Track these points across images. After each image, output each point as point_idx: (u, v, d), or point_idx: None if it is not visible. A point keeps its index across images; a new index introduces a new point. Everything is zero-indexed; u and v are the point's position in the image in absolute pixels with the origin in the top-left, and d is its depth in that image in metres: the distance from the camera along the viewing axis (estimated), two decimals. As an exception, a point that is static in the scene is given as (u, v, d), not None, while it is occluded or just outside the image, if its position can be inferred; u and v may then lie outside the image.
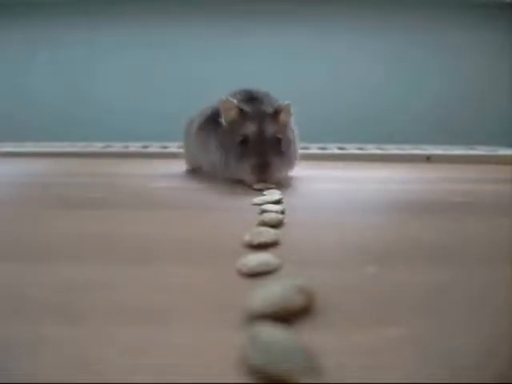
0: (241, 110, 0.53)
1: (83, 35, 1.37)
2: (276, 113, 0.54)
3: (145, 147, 1.05)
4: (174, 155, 0.86)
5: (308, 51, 1.37)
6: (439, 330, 0.17)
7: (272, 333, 0.15)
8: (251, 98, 0.56)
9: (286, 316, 0.17)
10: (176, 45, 1.38)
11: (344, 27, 1.38)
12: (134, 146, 1.07)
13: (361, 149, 1.04)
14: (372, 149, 1.04)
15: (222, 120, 0.54)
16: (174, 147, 1.00)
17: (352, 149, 1.03)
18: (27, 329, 0.16)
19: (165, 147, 1.04)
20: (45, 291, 0.20)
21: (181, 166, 0.69)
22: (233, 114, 0.53)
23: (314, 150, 0.98)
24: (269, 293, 0.17)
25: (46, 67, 1.38)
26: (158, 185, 0.55)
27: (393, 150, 1.01)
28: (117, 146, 1.07)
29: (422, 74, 1.38)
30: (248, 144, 0.51)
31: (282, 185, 0.51)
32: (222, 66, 1.35)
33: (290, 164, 0.56)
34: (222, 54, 1.36)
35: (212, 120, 0.57)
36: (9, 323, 0.17)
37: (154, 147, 1.05)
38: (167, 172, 0.68)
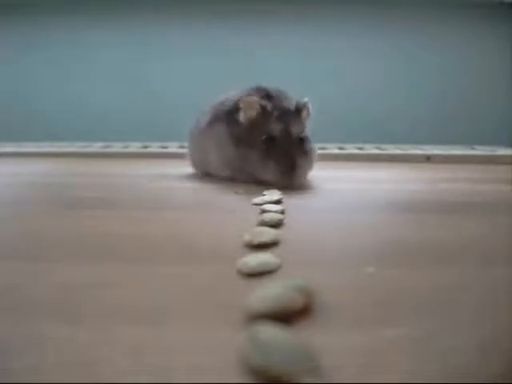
0: (264, 108, 0.51)
1: (83, 35, 1.37)
2: (298, 110, 0.52)
3: (145, 147, 1.05)
4: (174, 155, 0.86)
5: (307, 51, 1.37)
6: (439, 330, 0.17)
7: (272, 333, 0.15)
8: (268, 95, 0.54)
9: (286, 316, 0.17)
10: (176, 44, 1.38)
11: (343, 27, 1.38)
12: (134, 146, 1.07)
13: (360, 149, 1.04)
14: (372, 149, 1.04)
15: (241, 118, 0.52)
16: (174, 147, 1.00)
17: (351, 149, 1.03)
18: (27, 329, 0.16)
19: (165, 147, 1.04)
20: (45, 291, 0.20)
21: (181, 166, 0.69)
22: (254, 112, 0.51)
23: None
24: (269, 293, 0.17)
25: (46, 67, 1.38)
26: (158, 185, 0.55)
27: (393, 149, 1.02)
28: (117, 146, 1.07)
29: (422, 73, 1.38)
30: (274, 144, 0.49)
31: (305, 188, 0.50)
32: (222, 65, 1.35)
33: (312, 166, 0.54)
34: (223, 54, 1.36)
35: (223, 118, 0.55)
36: (9, 323, 0.17)
37: (154, 147, 1.05)
38: (167, 172, 0.68)
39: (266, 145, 0.50)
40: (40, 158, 0.90)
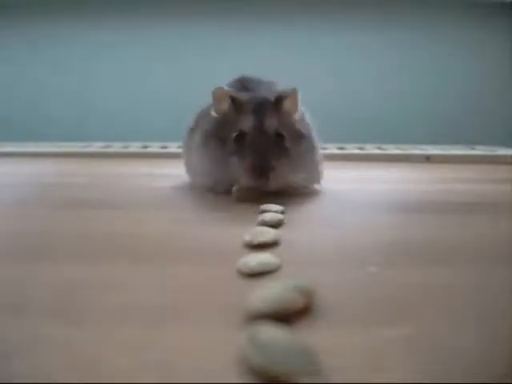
0: (234, 100, 0.44)
1: (83, 35, 1.37)
2: (278, 101, 0.44)
3: (145, 147, 1.05)
4: (174, 155, 0.86)
5: (307, 51, 1.37)
6: (439, 330, 0.17)
7: (272, 333, 0.15)
8: (249, 84, 0.49)
9: (286, 316, 0.17)
10: (176, 44, 1.38)
11: (343, 27, 1.38)
12: (134, 146, 1.07)
13: (360, 149, 1.04)
14: (372, 149, 1.04)
15: (212, 112, 0.46)
16: (174, 147, 1.00)
17: (352, 149, 1.03)
18: (27, 329, 0.16)
19: (165, 147, 1.04)
20: (45, 291, 0.20)
21: (181, 166, 0.68)
22: (225, 104, 0.45)
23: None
24: (269, 293, 0.17)
25: (47, 67, 1.38)
26: (158, 185, 0.55)
27: (393, 149, 1.01)
28: (117, 146, 1.07)
29: (422, 73, 1.38)
30: (244, 141, 0.42)
31: (287, 196, 0.43)
32: (223, 65, 1.35)
33: (301, 168, 0.45)
34: (223, 54, 1.36)
35: (204, 116, 0.49)
36: (9, 323, 0.17)
37: (154, 147, 1.05)
38: (167, 172, 0.68)
39: (236, 143, 0.43)
40: (40, 158, 0.90)
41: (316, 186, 0.49)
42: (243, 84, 0.49)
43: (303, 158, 0.45)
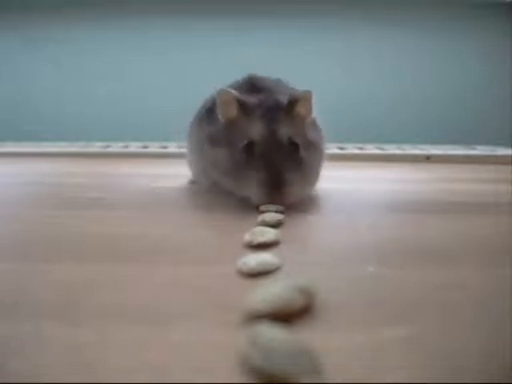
0: (242, 105, 0.40)
1: (82, 35, 1.37)
2: (290, 105, 0.40)
3: (145, 147, 1.05)
4: (174, 155, 0.86)
5: (307, 51, 1.37)
6: (439, 330, 0.17)
7: (272, 333, 0.15)
8: (257, 84, 0.45)
9: (286, 316, 0.17)
10: (177, 44, 1.38)
11: (344, 27, 1.38)
12: (134, 146, 1.07)
13: (361, 149, 1.04)
14: (372, 149, 1.04)
15: (219, 115, 0.42)
16: (174, 147, 1.00)
17: (351, 149, 1.03)
18: (27, 329, 0.16)
19: (165, 147, 1.04)
20: (45, 291, 0.20)
21: (181, 166, 0.68)
22: (233, 109, 0.40)
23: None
24: (269, 293, 0.17)
25: (46, 67, 1.38)
26: (158, 185, 0.55)
27: (393, 149, 1.01)
28: (117, 146, 1.07)
29: (422, 73, 1.38)
30: (254, 151, 0.38)
31: (300, 207, 0.38)
32: (223, 64, 1.35)
33: (312, 179, 0.42)
34: (223, 53, 1.36)
35: (203, 116, 0.46)
36: (9, 323, 0.17)
37: (154, 147, 1.05)
38: (167, 172, 0.68)
39: (245, 152, 0.38)
40: (40, 158, 0.90)
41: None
42: (251, 85, 0.45)
43: (313, 169, 0.42)
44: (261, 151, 0.38)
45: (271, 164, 0.37)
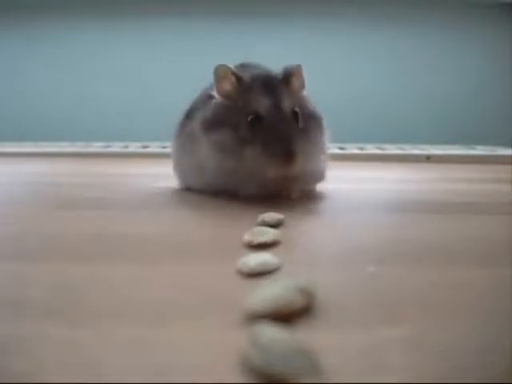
0: (240, 79, 0.40)
1: (82, 35, 1.37)
2: (286, 78, 0.41)
3: (145, 147, 1.05)
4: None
5: (307, 51, 1.37)
6: (440, 329, 0.17)
7: (272, 333, 0.15)
8: (248, 67, 0.46)
9: (286, 316, 0.17)
10: (177, 44, 1.38)
11: (344, 27, 1.38)
12: (134, 146, 1.07)
13: (361, 149, 1.04)
14: (372, 149, 1.04)
15: (214, 93, 0.41)
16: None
17: (352, 149, 1.03)
18: (27, 329, 0.16)
19: (165, 147, 1.04)
20: (45, 291, 0.20)
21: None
22: (228, 84, 0.41)
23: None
24: (269, 293, 0.17)
25: (46, 67, 1.38)
26: (158, 185, 0.55)
27: (393, 149, 1.01)
28: (117, 146, 1.07)
29: (422, 73, 1.38)
30: (261, 125, 0.38)
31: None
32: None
33: (320, 148, 0.43)
34: (223, 53, 1.36)
35: (200, 106, 0.45)
36: (9, 323, 0.17)
37: (154, 147, 1.05)
38: (167, 172, 0.68)
39: (251, 127, 0.38)
40: (40, 158, 0.90)
41: (319, 185, 0.46)
42: (241, 65, 0.46)
43: (316, 140, 0.42)
44: (269, 124, 0.38)
45: (281, 136, 0.38)
